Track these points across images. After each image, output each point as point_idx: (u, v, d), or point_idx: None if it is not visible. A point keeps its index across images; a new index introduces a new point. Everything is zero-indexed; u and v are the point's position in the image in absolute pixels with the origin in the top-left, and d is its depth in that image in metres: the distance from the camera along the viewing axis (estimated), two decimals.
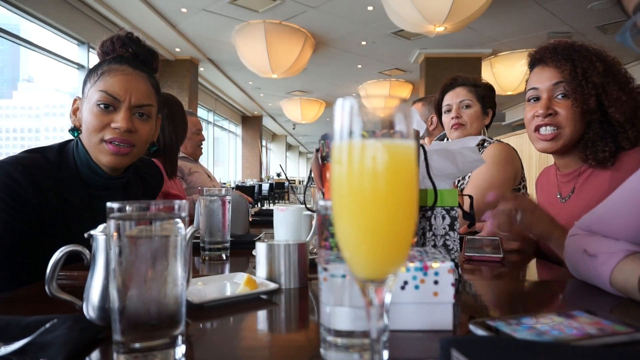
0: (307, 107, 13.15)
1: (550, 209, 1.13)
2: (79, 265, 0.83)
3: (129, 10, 6.67)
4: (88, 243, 0.58)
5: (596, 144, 1.12)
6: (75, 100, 1.11)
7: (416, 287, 0.57)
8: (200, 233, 1.12)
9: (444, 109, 1.87)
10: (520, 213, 1.03)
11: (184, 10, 6.76)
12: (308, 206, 1.12)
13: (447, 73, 2.11)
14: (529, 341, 0.49)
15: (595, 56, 1.14)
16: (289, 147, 24.81)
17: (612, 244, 0.78)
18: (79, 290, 0.60)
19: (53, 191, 1.00)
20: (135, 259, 0.46)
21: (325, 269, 0.48)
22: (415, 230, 0.37)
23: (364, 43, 8.08)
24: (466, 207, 0.84)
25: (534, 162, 4.76)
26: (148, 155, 1.47)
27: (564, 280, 0.91)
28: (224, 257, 1.11)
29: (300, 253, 0.83)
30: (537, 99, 1.19)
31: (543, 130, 1.17)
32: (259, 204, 11.90)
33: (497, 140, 1.80)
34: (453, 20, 5.36)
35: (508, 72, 8.69)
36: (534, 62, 1.24)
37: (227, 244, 1.13)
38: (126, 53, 1.11)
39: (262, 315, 0.68)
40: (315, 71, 9.72)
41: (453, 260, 0.74)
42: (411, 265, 0.57)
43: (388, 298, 0.38)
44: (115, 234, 0.46)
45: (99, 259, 0.57)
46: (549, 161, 1.40)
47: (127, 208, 0.46)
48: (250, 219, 1.66)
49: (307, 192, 1.25)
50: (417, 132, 0.76)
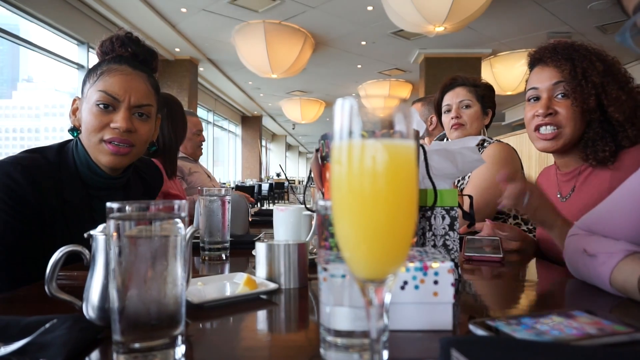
0: (307, 107, 13.15)
1: None
2: (79, 265, 0.83)
3: (129, 10, 6.67)
4: (88, 243, 0.58)
5: (596, 144, 1.12)
6: (74, 100, 1.11)
7: (416, 287, 0.57)
8: (200, 233, 1.12)
9: (444, 109, 1.87)
10: (528, 195, 1.04)
11: (184, 10, 6.76)
12: (308, 206, 1.12)
13: (447, 73, 2.11)
14: (529, 341, 0.49)
15: (595, 56, 1.14)
16: (289, 147, 24.81)
17: (612, 244, 0.78)
18: (79, 290, 0.60)
19: (53, 191, 1.00)
20: (134, 259, 0.46)
21: (325, 269, 0.48)
22: (415, 230, 0.37)
23: (364, 43, 8.08)
24: (466, 207, 0.84)
25: (534, 162, 4.76)
26: (147, 155, 1.46)
27: (564, 280, 0.91)
28: (224, 257, 1.11)
29: (300, 253, 0.83)
30: (537, 99, 1.20)
31: (543, 129, 1.18)
32: (259, 204, 11.90)
33: (497, 140, 1.80)
34: (453, 20, 5.36)
35: (508, 72, 8.69)
36: (534, 62, 1.24)
37: (227, 244, 1.13)
38: (125, 53, 1.11)
39: (262, 315, 0.68)
40: (315, 71, 9.72)
41: (453, 260, 0.74)
42: (411, 265, 0.57)
43: (388, 298, 0.38)
44: (114, 234, 0.46)
45: (99, 259, 0.57)
46: (549, 161, 1.41)
47: (127, 208, 0.46)
48: (250, 219, 1.66)
49: (307, 192, 1.25)
50: (417, 132, 0.76)
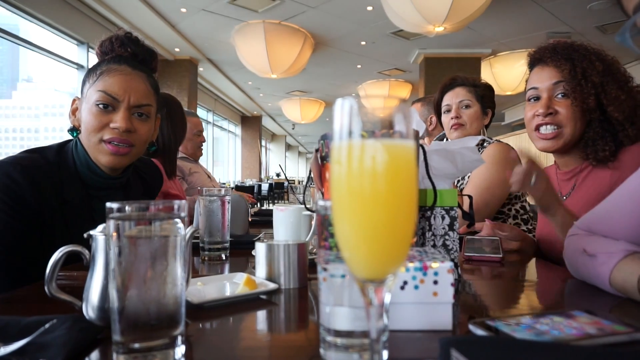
0: (307, 107, 13.15)
1: None
2: (79, 265, 0.83)
3: (129, 10, 6.67)
4: (87, 243, 0.58)
5: (596, 143, 1.13)
6: (74, 100, 1.11)
7: (416, 287, 0.57)
8: (199, 233, 1.12)
9: (444, 109, 1.87)
10: (535, 177, 1.04)
11: (184, 10, 6.76)
12: (307, 206, 1.12)
13: (447, 73, 2.11)
14: (529, 341, 0.49)
15: (594, 55, 1.14)
16: (289, 147, 24.81)
17: (612, 244, 0.78)
18: (79, 290, 0.60)
19: (52, 191, 1.00)
20: (134, 259, 0.46)
21: (324, 269, 0.48)
22: (414, 230, 0.37)
23: (364, 43, 8.08)
24: (465, 207, 0.84)
25: None
26: (147, 155, 1.46)
27: (564, 280, 0.91)
28: (224, 257, 1.11)
29: (299, 253, 0.83)
30: (537, 99, 1.20)
31: (543, 129, 1.18)
32: (259, 204, 11.90)
33: (497, 140, 1.80)
34: (452, 20, 5.36)
35: (507, 72, 8.69)
36: (534, 62, 1.24)
37: (227, 244, 1.13)
38: (125, 53, 1.11)
39: (262, 315, 0.68)
40: (314, 71, 9.72)
41: (452, 260, 0.74)
42: (411, 265, 0.57)
43: (387, 298, 0.38)
44: (114, 234, 0.46)
45: (99, 259, 0.57)
46: (549, 161, 1.41)
47: (127, 208, 0.46)
48: (249, 219, 1.66)
49: (307, 192, 1.25)
50: (417, 132, 0.76)
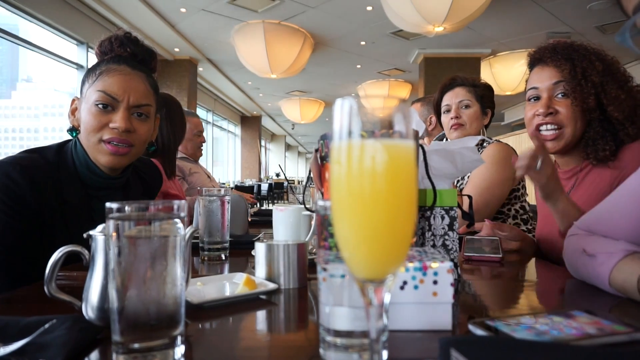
0: (306, 107, 13.15)
1: None
2: (78, 265, 0.83)
3: (128, 10, 6.67)
4: (87, 243, 0.58)
5: (597, 142, 1.13)
6: (73, 100, 1.11)
7: (415, 287, 0.57)
8: (199, 233, 1.12)
9: (443, 109, 1.87)
10: (541, 162, 1.04)
11: (183, 10, 6.75)
12: (307, 206, 1.12)
13: (446, 73, 2.11)
14: (528, 341, 0.49)
15: (594, 55, 1.15)
16: (288, 147, 24.81)
17: (611, 244, 0.78)
18: (78, 290, 0.60)
19: (52, 191, 1.00)
20: (134, 259, 0.46)
21: (324, 269, 0.48)
22: (414, 230, 0.37)
23: (363, 43, 8.08)
24: (465, 207, 0.84)
25: None
26: (147, 155, 1.46)
27: (563, 280, 0.91)
28: (223, 257, 1.11)
29: (299, 253, 0.83)
30: (538, 99, 1.20)
31: (544, 129, 1.18)
32: (258, 204, 11.89)
33: (497, 140, 1.80)
34: (452, 20, 5.36)
35: (507, 72, 8.69)
36: (534, 62, 1.24)
37: (226, 244, 1.13)
38: (124, 53, 1.11)
39: (261, 315, 0.68)
40: (314, 71, 9.72)
41: (452, 260, 0.74)
42: (410, 265, 0.57)
43: (387, 298, 0.38)
44: (114, 234, 0.46)
45: (98, 260, 0.57)
46: None
47: (126, 208, 0.46)
48: (249, 219, 1.66)
49: (306, 192, 1.25)
50: (416, 132, 0.76)
